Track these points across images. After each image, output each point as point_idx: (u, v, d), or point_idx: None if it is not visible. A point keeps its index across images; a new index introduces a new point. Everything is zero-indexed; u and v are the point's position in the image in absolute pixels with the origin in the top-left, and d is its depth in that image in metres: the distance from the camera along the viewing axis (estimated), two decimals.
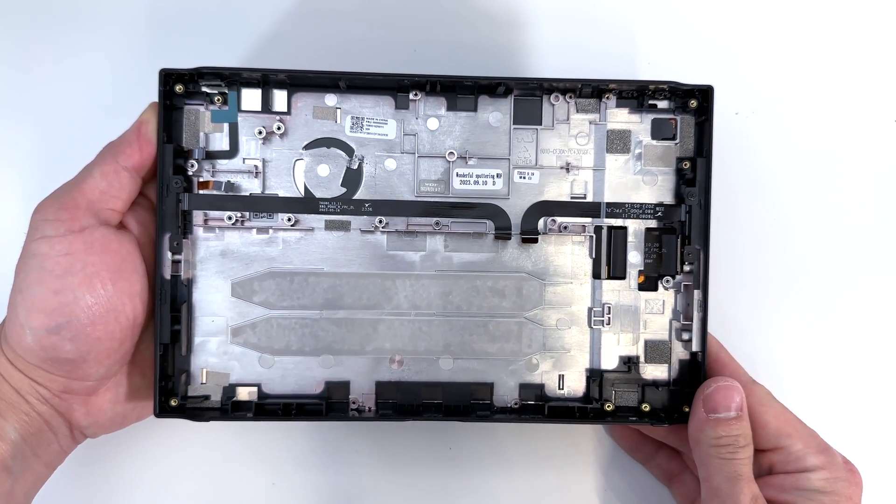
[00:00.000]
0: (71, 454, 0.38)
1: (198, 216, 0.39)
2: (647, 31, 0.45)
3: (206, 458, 0.44)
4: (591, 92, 0.39)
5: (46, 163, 0.43)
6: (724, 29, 0.45)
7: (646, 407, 0.39)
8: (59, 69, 0.44)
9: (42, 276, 0.34)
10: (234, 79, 0.38)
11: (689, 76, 0.40)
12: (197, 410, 0.38)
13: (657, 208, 0.40)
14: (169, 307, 0.38)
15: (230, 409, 0.38)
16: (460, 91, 0.39)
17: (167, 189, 0.37)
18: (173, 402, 0.38)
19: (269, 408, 0.39)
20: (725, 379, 0.37)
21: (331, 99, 0.39)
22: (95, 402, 0.37)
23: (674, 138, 0.40)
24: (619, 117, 0.40)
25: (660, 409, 0.40)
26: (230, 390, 0.39)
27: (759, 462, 0.37)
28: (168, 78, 0.37)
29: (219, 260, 0.39)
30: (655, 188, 0.40)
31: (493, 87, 0.39)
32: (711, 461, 0.36)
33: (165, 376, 0.38)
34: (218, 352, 0.39)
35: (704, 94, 0.39)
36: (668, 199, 0.40)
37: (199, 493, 0.44)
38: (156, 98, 0.37)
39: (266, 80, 0.38)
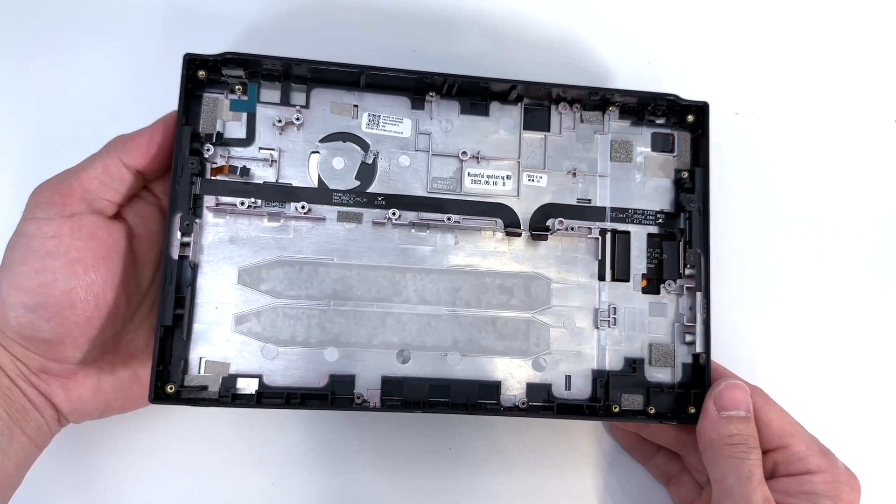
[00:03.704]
0: (70, 451, 0.38)
1: (209, 200, 0.38)
2: (647, 32, 0.46)
3: (205, 457, 0.42)
4: (595, 104, 0.42)
5: (58, 152, 0.41)
6: (725, 30, 0.46)
7: (651, 410, 0.39)
8: (74, 61, 0.44)
9: (26, 255, 0.34)
10: (257, 69, 0.39)
11: (690, 77, 0.41)
12: (193, 400, 0.36)
13: (658, 215, 0.41)
14: (174, 288, 0.36)
15: (230, 399, 0.37)
16: (473, 97, 0.41)
17: (182, 169, 0.37)
18: (169, 389, 0.36)
19: (270, 398, 0.37)
20: (734, 379, 0.38)
21: (349, 96, 0.40)
22: (75, 388, 0.37)
23: (672, 151, 0.42)
24: (622, 129, 0.42)
25: (665, 412, 0.40)
26: (230, 381, 0.37)
27: (762, 463, 0.37)
28: (192, 63, 0.38)
29: (227, 246, 0.38)
30: (656, 196, 0.42)
31: (504, 94, 0.41)
32: (725, 461, 0.36)
33: (163, 361, 0.36)
34: (219, 340, 0.38)
35: (700, 110, 0.41)
36: (668, 207, 0.42)
37: (199, 492, 0.42)
38: (171, 92, 0.37)
39: (287, 72, 0.39)
